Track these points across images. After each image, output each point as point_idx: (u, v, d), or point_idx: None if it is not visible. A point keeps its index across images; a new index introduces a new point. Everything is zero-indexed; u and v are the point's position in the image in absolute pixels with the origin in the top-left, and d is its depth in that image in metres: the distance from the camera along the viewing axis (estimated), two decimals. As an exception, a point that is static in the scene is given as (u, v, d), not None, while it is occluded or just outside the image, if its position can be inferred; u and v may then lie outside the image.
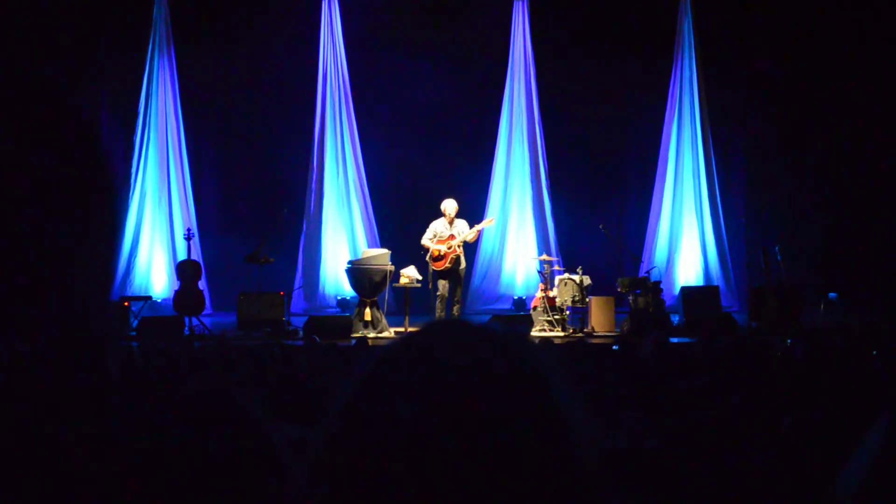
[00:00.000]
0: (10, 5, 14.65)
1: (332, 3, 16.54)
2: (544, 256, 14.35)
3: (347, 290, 14.68)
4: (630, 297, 13.66)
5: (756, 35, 16.14)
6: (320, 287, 16.25)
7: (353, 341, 10.80)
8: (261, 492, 1.18)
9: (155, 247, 16.05)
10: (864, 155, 15.86)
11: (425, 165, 16.18)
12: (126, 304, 13.40)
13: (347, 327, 12.63)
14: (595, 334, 12.91)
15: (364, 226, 16.40)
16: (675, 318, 13.65)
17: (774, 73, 16.21)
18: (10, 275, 0.95)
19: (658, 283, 14.00)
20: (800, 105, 16.14)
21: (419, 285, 13.06)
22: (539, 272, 13.86)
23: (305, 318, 13.41)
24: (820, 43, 15.91)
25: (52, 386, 1.01)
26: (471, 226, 12.99)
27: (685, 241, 16.37)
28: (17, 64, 1.01)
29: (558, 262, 14.58)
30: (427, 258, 12.88)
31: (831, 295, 13.75)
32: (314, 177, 16.41)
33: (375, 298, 13.01)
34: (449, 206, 12.95)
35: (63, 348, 1.00)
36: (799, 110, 16.20)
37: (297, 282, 16.07)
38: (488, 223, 14.01)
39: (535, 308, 13.58)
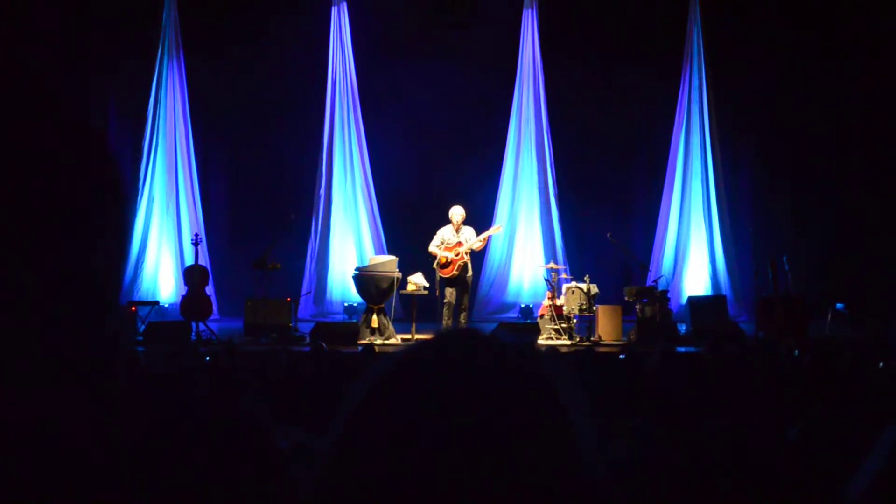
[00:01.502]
0: (19, 9, 14.70)
1: (341, 10, 16.57)
2: (552, 264, 14.34)
3: (354, 297, 14.68)
4: (637, 306, 13.63)
5: (765, 44, 16.13)
6: (327, 293, 16.27)
7: (360, 348, 10.80)
8: (267, 500, 1.18)
9: (162, 251, 16.07)
10: (873, 165, 15.84)
11: (433, 173, 16.19)
12: (133, 308, 13.42)
13: (354, 334, 12.62)
14: (602, 343, 12.89)
15: (371, 232, 16.42)
16: (683, 328, 13.63)
17: (783, 83, 16.19)
18: (18, 279, 0.96)
19: (665, 292, 13.97)
20: (809, 114, 16.12)
21: (426, 292, 13.06)
22: (546, 280, 13.85)
23: (312, 325, 13.40)
24: (829, 51, 15.90)
25: (59, 390, 1.01)
26: (478, 233, 13.00)
27: (693, 250, 16.36)
28: (25, 68, 1.02)
29: (566, 271, 14.57)
30: (434, 265, 12.89)
31: (838, 305, 13.73)
32: (322, 182, 16.44)
33: (382, 305, 13.01)
34: (456, 213, 12.97)
35: (71, 353, 1.01)
36: (808, 119, 16.17)
37: (305, 288, 16.08)
38: (496, 230, 13.98)
39: (542, 316, 13.57)
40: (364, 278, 13.07)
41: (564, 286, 13.57)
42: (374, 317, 12.85)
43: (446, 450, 0.92)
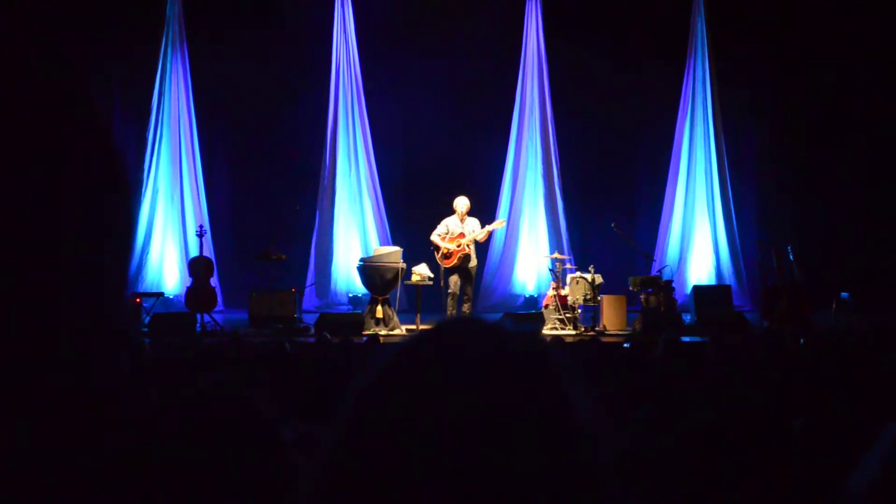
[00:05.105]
0: (23, 1, 14.65)
1: (345, 0, 16.56)
2: (556, 255, 14.34)
3: (359, 288, 14.69)
4: (642, 296, 13.63)
5: (769, 33, 16.10)
6: (332, 284, 16.27)
7: (365, 338, 10.81)
8: (272, 491, 1.18)
9: (167, 243, 16.08)
10: (879, 154, 15.81)
11: (437, 163, 16.16)
12: (138, 300, 13.43)
13: (359, 324, 12.63)
14: (606, 333, 12.89)
15: (376, 223, 16.41)
16: (687, 317, 13.62)
17: (787, 72, 16.15)
18: (25, 274, 0.96)
19: (670, 281, 13.96)
20: (813, 103, 16.09)
21: (431, 283, 13.07)
22: (551, 270, 13.85)
23: (317, 316, 13.41)
24: (834, 41, 15.86)
25: (64, 383, 1.01)
26: (482, 224, 13.00)
27: (697, 240, 16.35)
28: (30, 60, 1.02)
29: (570, 261, 14.56)
30: (437, 257, 12.90)
31: (843, 295, 13.71)
32: (326, 174, 16.43)
33: (387, 296, 13.02)
34: (460, 203, 12.96)
35: (79, 347, 1.01)
36: (812, 108, 16.14)
37: (309, 279, 16.10)
38: (499, 224, 14.00)
39: (546, 306, 13.58)
40: (369, 269, 13.08)
41: (569, 276, 13.57)
42: (379, 307, 12.87)
43: (450, 439, 0.93)
